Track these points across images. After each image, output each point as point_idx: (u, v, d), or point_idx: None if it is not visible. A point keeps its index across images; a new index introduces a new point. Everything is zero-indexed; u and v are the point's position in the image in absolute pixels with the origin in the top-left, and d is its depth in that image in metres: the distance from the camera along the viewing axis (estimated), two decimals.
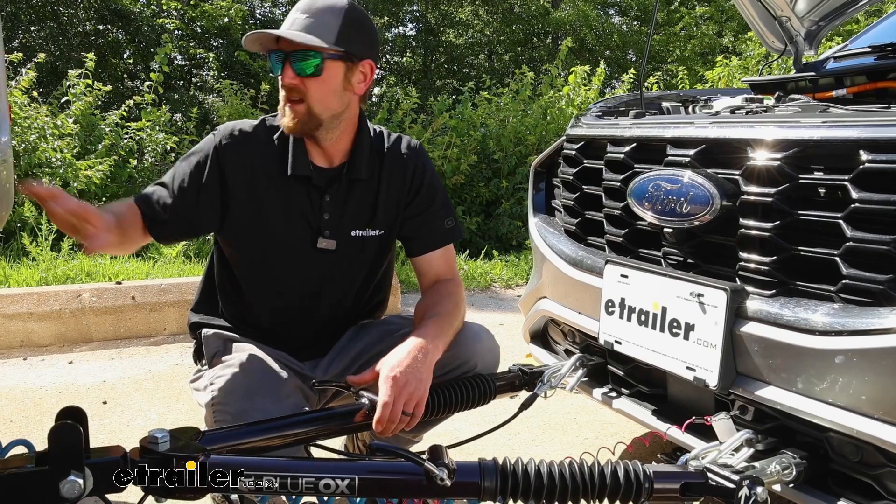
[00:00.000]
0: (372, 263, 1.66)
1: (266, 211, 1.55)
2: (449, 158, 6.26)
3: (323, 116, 1.48)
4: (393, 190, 1.62)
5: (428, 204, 1.66)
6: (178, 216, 1.53)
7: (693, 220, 1.45)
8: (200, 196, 1.53)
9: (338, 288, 1.64)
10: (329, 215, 1.57)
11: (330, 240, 1.57)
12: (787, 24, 2.39)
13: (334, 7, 1.46)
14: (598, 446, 1.85)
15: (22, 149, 5.13)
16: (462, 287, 1.68)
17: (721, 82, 7.89)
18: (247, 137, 1.56)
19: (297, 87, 1.45)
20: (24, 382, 2.91)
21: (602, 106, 2.18)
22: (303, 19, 1.45)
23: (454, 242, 1.71)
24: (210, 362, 1.58)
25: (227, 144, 1.54)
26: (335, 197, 1.57)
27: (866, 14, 9.37)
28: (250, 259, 1.60)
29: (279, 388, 1.45)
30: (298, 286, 1.61)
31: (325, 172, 1.57)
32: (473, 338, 1.63)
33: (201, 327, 1.68)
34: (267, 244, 1.57)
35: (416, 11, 17.41)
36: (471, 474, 1.13)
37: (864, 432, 1.16)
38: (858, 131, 1.23)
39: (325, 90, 1.46)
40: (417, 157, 1.66)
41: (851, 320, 1.19)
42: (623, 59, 16.60)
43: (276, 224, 1.55)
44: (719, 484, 1.19)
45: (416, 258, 1.68)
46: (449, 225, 1.69)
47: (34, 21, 12.67)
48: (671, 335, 1.47)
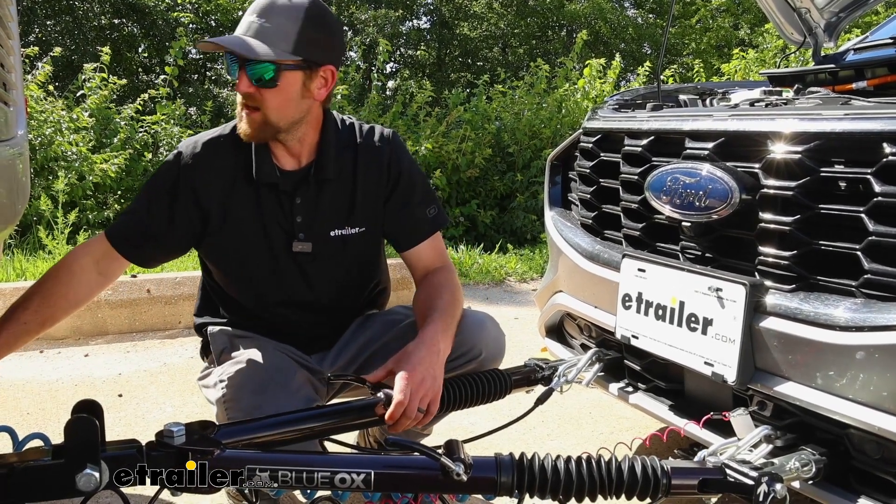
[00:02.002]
0: (360, 260, 1.63)
1: (239, 220, 1.53)
2: (463, 152, 6.24)
3: (280, 124, 1.44)
4: (370, 184, 1.58)
5: (409, 195, 1.61)
6: (156, 242, 1.53)
7: (711, 214, 1.43)
8: (174, 219, 1.51)
9: (328, 287, 1.61)
10: (301, 217, 1.53)
11: (305, 242, 1.54)
12: (806, 15, 2.36)
13: (291, 8, 1.39)
14: (614, 441, 1.84)
15: (38, 142, 5.17)
16: (455, 272, 1.64)
17: (738, 75, 7.82)
18: (211, 149, 1.53)
19: (252, 95, 1.40)
20: (40, 375, 2.94)
21: (619, 99, 2.16)
22: (258, 24, 1.38)
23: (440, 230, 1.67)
24: (218, 359, 1.57)
25: (192, 163, 1.51)
26: (306, 198, 1.53)
27: (886, 5, 9.23)
28: (230, 268, 1.59)
29: (290, 382, 1.44)
30: (283, 289, 1.59)
31: (293, 175, 1.53)
32: (478, 326, 1.61)
33: (207, 326, 1.68)
34: (244, 252, 1.55)
35: (431, 4, 17.38)
36: (487, 469, 1.13)
37: (886, 429, 1.14)
38: (882, 124, 1.21)
39: (281, 99, 1.41)
40: (391, 147, 1.60)
41: (874, 316, 1.17)
42: (638, 51, 16.50)
43: (251, 232, 1.53)
44: (738, 480, 1.18)
45: (405, 253, 1.64)
46: (432, 213, 1.64)
47: (50, 15, 12.78)
48: (689, 330, 1.45)
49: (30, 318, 1.42)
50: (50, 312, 1.45)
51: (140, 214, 1.53)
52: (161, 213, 1.51)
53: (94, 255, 1.51)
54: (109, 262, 1.52)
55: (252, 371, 1.44)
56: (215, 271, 1.62)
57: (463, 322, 1.56)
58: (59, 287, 1.47)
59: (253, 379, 1.42)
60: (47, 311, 1.45)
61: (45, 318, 1.45)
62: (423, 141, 6.08)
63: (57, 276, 1.47)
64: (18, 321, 1.41)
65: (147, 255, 1.56)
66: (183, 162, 1.52)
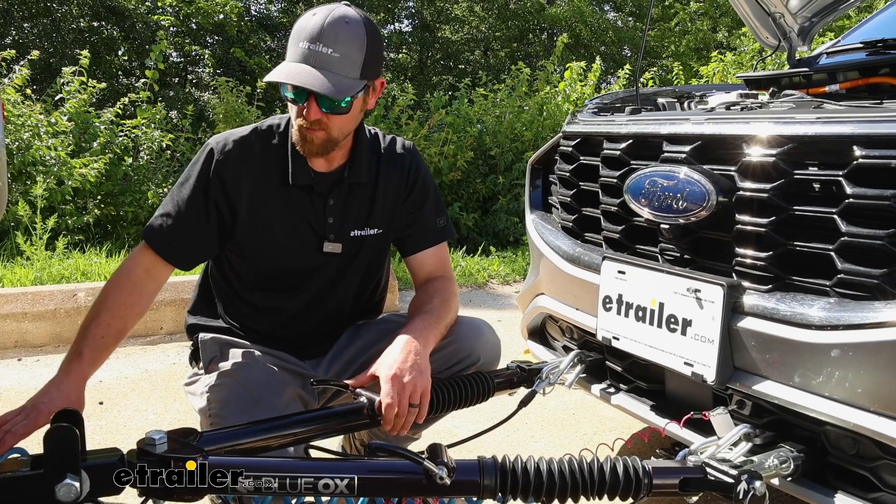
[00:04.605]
0: (370, 262, 1.66)
1: (270, 220, 1.54)
2: (445, 155, 6.25)
3: (340, 139, 1.48)
4: (391, 189, 1.62)
5: (421, 202, 1.67)
6: (197, 242, 1.53)
7: (689, 216, 1.45)
8: (210, 216, 1.52)
9: (340, 289, 1.64)
10: (333, 219, 1.56)
11: (336, 243, 1.57)
12: (780, 20, 2.39)
13: (354, 35, 1.38)
14: (596, 442, 1.85)
15: (16, 147, 5.11)
16: (455, 283, 1.68)
17: (716, 78, 7.90)
18: (242, 148, 1.53)
19: (321, 121, 1.42)
20: (18, 383, 2.90)
21: (598, 102, 2.18)
22: (326, 55, 1.35)
23: (447, 241, 1.72)
24: (207, 367, 1.56)
25: (224, 159, 1.51)
26: (338, 200, 1.57)
27: (858, 10, 9.38)
28: (257, 267, 1.59)
29: (277, 400, 1.43)
30: (306, 291, 1.60)
31: (327, 177, 1.56)
32: (475, 332, 1.64)
33: (199, 330, 1.67)
34: (273, 252, 1.56)
35: (412, 7, 17.38)
36: (470, 472, 1.13)
37: (860, 425, 1.16)
38: (852, 127, 1.23)
39: (346, 119, 1.45)
40: (412, 157, 1.67)
41: (847, 314, 1.20)
42: (618, 54, 16.61)
43: (281, 232, 1.54)
44: (718, 479, 1.20)
45: (409, 257, 1.68)
46: (441, 224, 1.70)
47: (27, 17, 12.61)
48: (669, 331, 1.47)
49: (104, 332, 1.42)
50: (121, 324, 1.45)
51: (177, 216, 1.51)
52: (198, 211, 1.51)
53: (145, 265, 1.51)
54: (160, 269, 1.52)
55: (239, 387, 1.43)
56: (238, 267, 1.61)
57: (460, 329, 1.60)
58: (125, 298, 1.47)
59: (240, 395, 1.42)
60: (119, 322, 1.45)
61: (118, 331, 1.45)
62: None
63: (119, 291, 1.47)
64: (96, 337, 1.41)
65: (190, 257, 1.55)
66: (215, 158, 1.52)
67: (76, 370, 1.35)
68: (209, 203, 1.51)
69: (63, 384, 1.32)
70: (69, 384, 1.33)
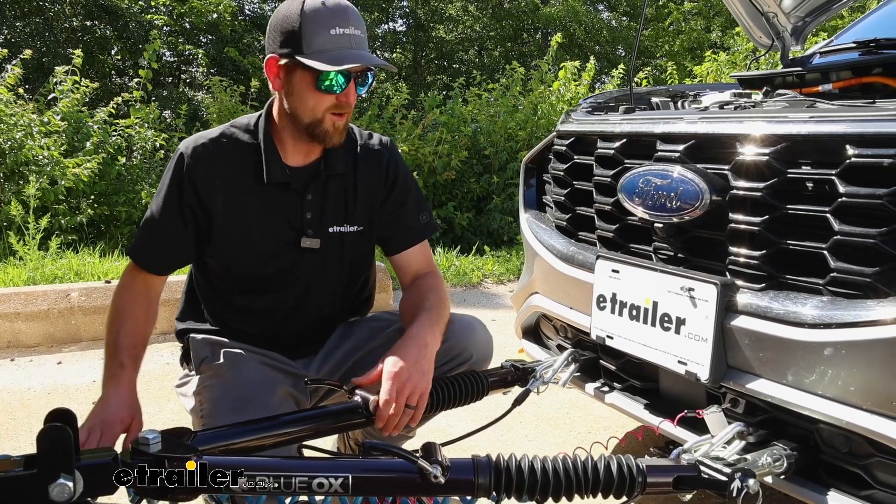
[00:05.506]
0: (353, 260, 1.64)
1: (246, 219, 1.53)
2: (440, 154, 6.25)
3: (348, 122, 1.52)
4: (369, 185, 1.61)
5: (403, 201, 1.65)
6: (180, 249, 1.54)
7: (683, 215, 1.46)
8: (186, 222, 1.52)
9: (324, 287, 1.62)
10: (311, 214, 1.55)
11: (314, 238, 1.56)
12: (773, 19, 2.40)
13: (357, 13, 1.44)
14: (591, 441, 1.86)
15: (8, 146, 5.08)
16: (442, 279, 1.68)
17: (710, 77, 7.92)
18: (212, 148, 1.53)
19: (351, 103, 1.46)
20: (11, 384, 2.89)
21: (592, 102, 2.18)
22: (360, 37, 1.42)
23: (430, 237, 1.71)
24: (198, 368, 1.55)
25: (194, 162, 1.51)
26: (316, 195, 1.56)
27: (850, 10, 9.42)
28: (236, 269, 1.58)
29: (269, 400, 1.42)
30: (286, 289, 1.59)
31: (303, 172, 1.55)
32: (467, 329, 1.64)
33: (189, 333, 1.66)
34: (251, 252, 1.55)
35: (406, 7, 17.38)
36: (465, 471, 1.13)
37: (852, 423, 1.17)
38: (845, 126, 1.24)
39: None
40: (390, 153, 1.66)
41: (840, 313, 1.20)
42: (612, 54, 16.65)
43: (258, 230, 1.53)
44: (711, 477, 1.20)
45: (395, 256, 1.67)
46: (424, 220, 1.69)
47: (19, 16, 12.56)
48: (662, 329, 1.47)
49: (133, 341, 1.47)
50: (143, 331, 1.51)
51: (157, 228, 1.53)
52: (174, 220, 1.51)
53: (140, 279, 1.54)
54: (155, 279, 1.55)
55: (231, 386, 1.43)
56: (217, 270, 1.60)
57: (453, 326, 1.59)
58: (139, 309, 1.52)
59: (231, 395, 1.41)
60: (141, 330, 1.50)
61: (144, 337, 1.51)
62: (400, 144, 6.08)
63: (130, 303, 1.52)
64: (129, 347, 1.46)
65: (177, 265, 1.58)
66: (186, 162, 1.51)
67: (125, 378, 1.41)
68: (184, 209, 1.51)
69: (119, 394, 1.38)
70: (124, 392, 1.39)
